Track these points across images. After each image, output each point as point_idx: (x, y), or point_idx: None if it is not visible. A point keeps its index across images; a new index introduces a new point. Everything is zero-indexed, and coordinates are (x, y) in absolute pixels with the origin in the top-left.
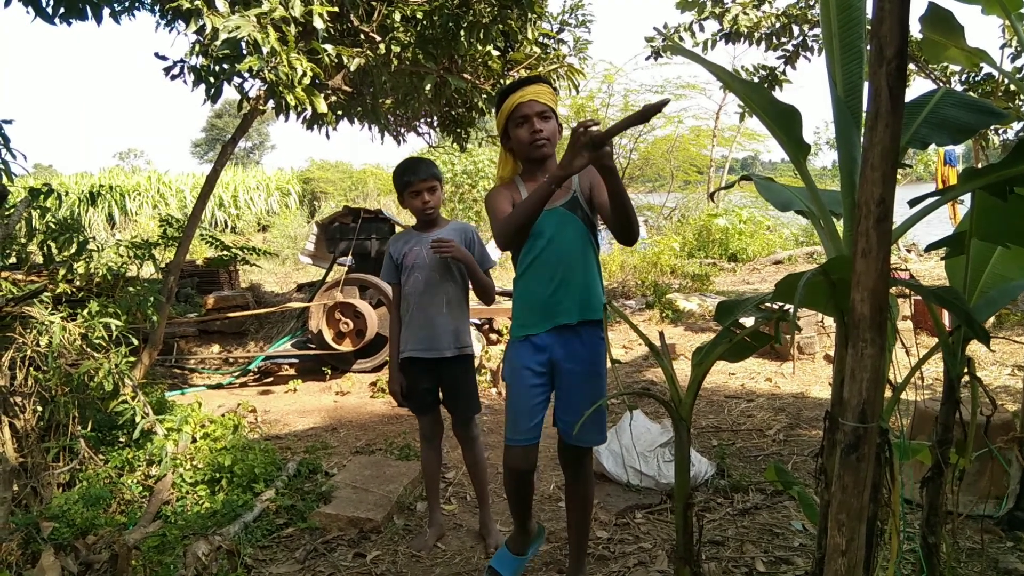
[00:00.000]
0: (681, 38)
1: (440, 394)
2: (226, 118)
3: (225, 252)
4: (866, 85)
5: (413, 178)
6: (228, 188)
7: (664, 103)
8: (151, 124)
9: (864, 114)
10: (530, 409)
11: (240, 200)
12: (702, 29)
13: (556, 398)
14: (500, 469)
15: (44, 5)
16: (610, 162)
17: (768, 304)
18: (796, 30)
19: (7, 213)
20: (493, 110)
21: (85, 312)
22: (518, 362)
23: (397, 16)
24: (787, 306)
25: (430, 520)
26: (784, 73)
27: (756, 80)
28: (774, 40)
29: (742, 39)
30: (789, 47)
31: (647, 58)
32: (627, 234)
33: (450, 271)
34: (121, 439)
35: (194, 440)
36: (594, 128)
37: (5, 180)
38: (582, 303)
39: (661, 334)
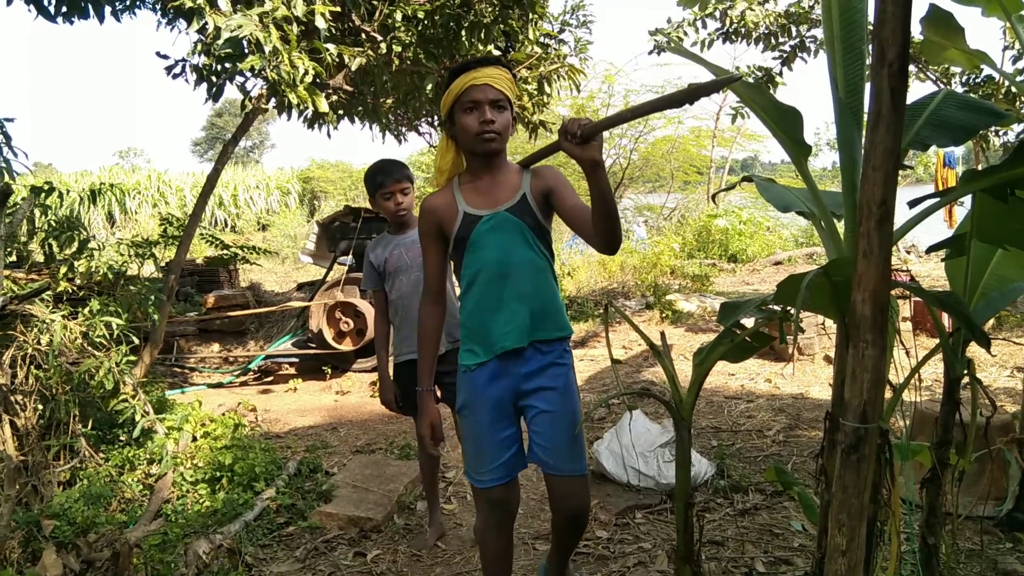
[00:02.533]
0: (685, 32)
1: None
2: (226, 117)
3: (225, 251)
4: (867, 86)
5: (386, 180)
6: (228, 187)
7: (721, 84)
8: (151, 123)
9: (865, 115)
10: (494, 448)
11: (240, 199)
12: (704, 26)
13: (530, 435)
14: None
15: (46, 3)
16: (599, 155)
17: (770, 305)
18: (794, 31)
19: (10, 211)
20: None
21: (86, 310)
22: (473, 397)
23: (398, 15)
24: (789, 308)
25: (430, 520)
26: (781, 74)
27: (751, 81)
28: (772, 40)
29: (740, 38)
30: (786, 48)
31: (650, 52)
32: (610, 240)
33: None
34: (121, 438)
35: (194, 439)
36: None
37: (7, 178)
38: (532, 322)
39: (662, 334)
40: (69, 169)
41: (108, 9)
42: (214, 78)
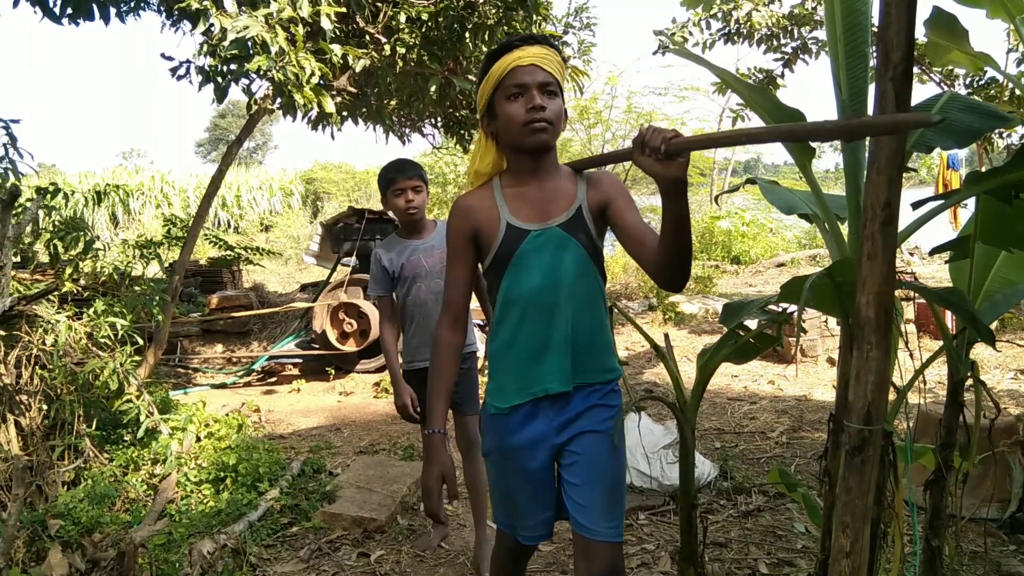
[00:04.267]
0: (690, 33)
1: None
2: (229, 118)
3: (229, 252)
4: (871, 89)
5: (398, 176)
6: (231, 188)
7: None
8: (154, 124)
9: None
10: (530, 502)
11: (243, 200)
12: (708, 27)
13: (563, 484)
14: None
15: (51, 5)
16: (685, 175)
17: (773, 306)
18: (796, 32)
19: (17, 212)
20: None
21: (91, 311)
22: (504, 444)
23: (403, 17)
24: (792, 308)
25: (434, 520)
26: (782, 76)
27: (751, 83)
28: (774, 42)
29: (743, 39)
30: (788, 49)
31: (654, 53)
32: (678, 276)
33: None
34: (126, 438)
35: (198, 439)
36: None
37: (12, 179)
38: (578, 363)
39: (666, 336)
40: (73, 170)
41: (113, 11)
42: (220, 79)
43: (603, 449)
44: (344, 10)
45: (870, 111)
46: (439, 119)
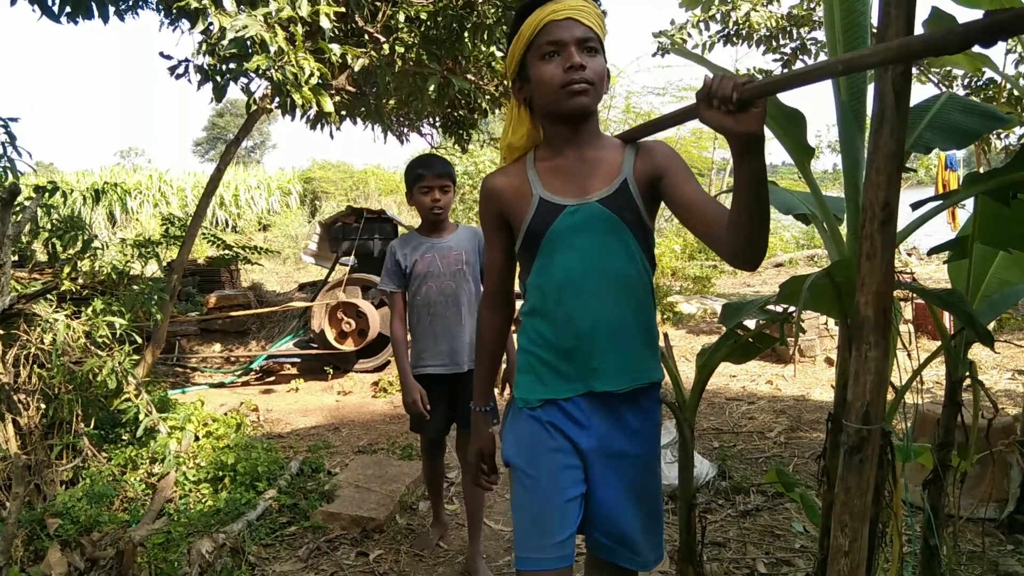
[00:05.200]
0: (688, 34)
1: (452, 409)
2: (227, 117)
3: (227, 251)
4: (870, 89)
5: (426, 172)
6: (229, 187)
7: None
8: (152, 123)
9: (868, 118)
10: (562, 510)
11: (241, 199)
12: (707, 28)
13: (588, 498)
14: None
15: (50, 3)
16: (761, 129)
17: (772, 306)
18: (795, 33)
19: (16, 211)
20: (505, 43)
21: (89, 310)
22: (536, 439)
23: (401, 17)
24: (791, 308)
25: (434, 519)
26: None
27: None
28: (773, 43)
29: (742, 40)
30: (787, 50)
31: (654, 54)
32: (754, 250)
33: (465, 278)
34: (124, 437)
35: (197, 438)
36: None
37: (11, 178)
38: (634, 359)
39: (665, 335)
40: (70, 169)
41: (112, 9)
42: (219, 78)
43: (645, 475)
44: (343, 9)
45: (869, 111)
46: (437, 119)
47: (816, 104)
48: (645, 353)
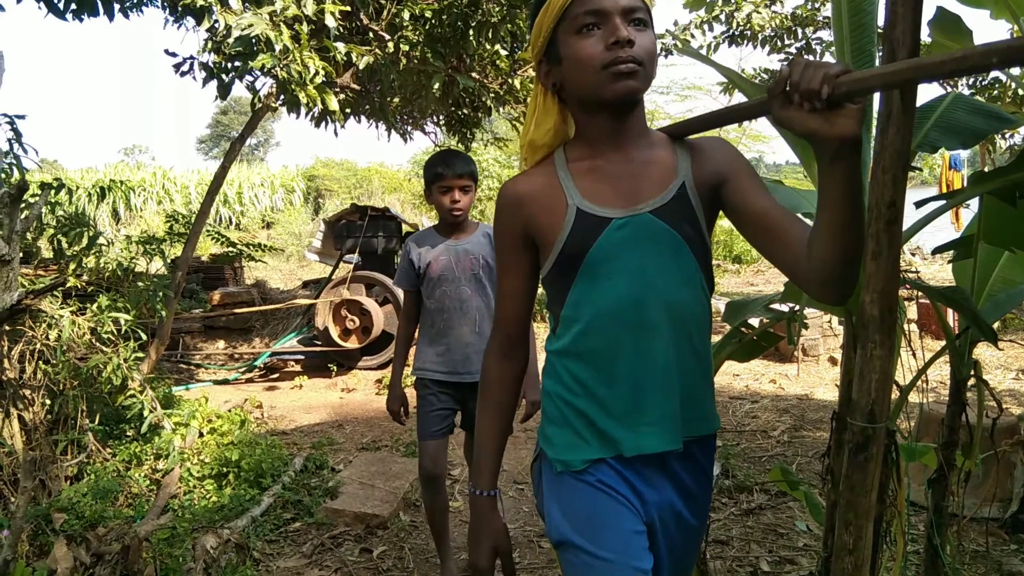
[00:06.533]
0: (692, 35)
1: (458, 417)
2: (231, 115)
3: (231, 248)
4: None
5: (447, 171)
6: (233, 185)
7: None
8: (156, 120)
9: (875, 117)
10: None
11: (245, 197)
12: (711, 28)
13: None
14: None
15: (56, 1)
16: (859, 130)
17: (777, 304)
18: (800, 33)
19: (25, 206)
20: (528, 22)
21: (94, 306)
22: (595, 507)
23: (406, 15)
24: (796, 307)
25: (442, 568)
26: None
27: (757, 83)
28: (778, 43)
29: (747, 41)
30: (792, 50)
31: (657, 54)
32: (845, 282)
33: (481, 284)
34: (129, 433)
35: (201, 435)
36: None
37: (17, 174)
38: (694, 409)
39: None
40: (74, 166)
41: (117, 6)
42: (224, 76)
43: (700, 522)
44: (348, 8)
45: (875, 110)
46: (441, 117)
47: None
48: (705, 399)
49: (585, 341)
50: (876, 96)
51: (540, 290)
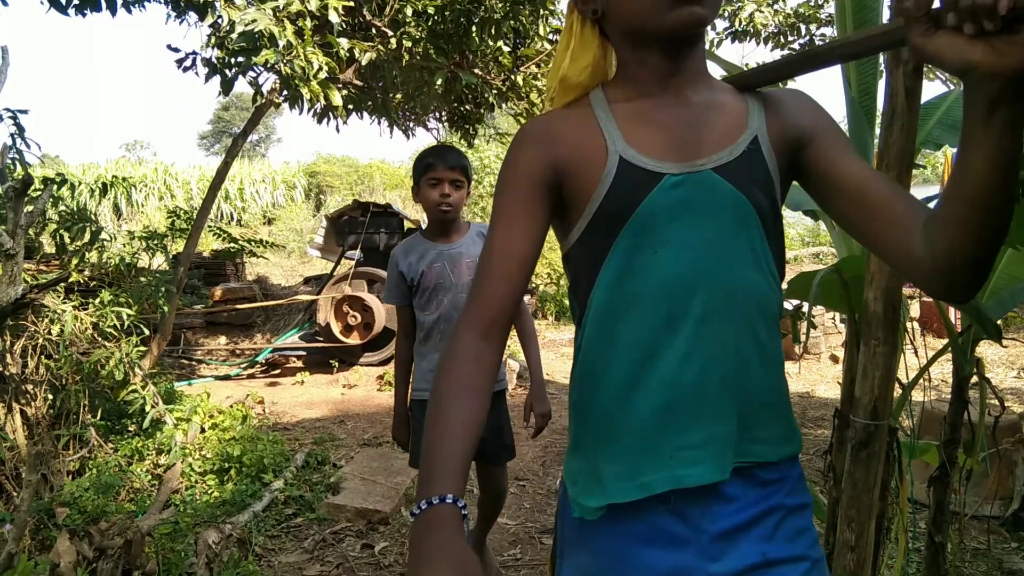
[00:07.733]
0: None
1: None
2: (233, 111)
3: (232, 244)
4: (880, 86)
5: (437, 163)
6: (234, 181)
7: None
8: (157, 116)
9: (878, 115)
10: None
11: (246, 193)
12: (714, 27)
13: None
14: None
15: None
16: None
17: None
18: (803, 29)
19: (28, 200)
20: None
21: (97, 301)
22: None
23: (409, 11)
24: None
25: None
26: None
27: None
28: (781, 40)
29: (749, 38)
30: (795, 47)
31: None
32: (978, 267)
33: None
34: (131, 428)
35: (203, 430)
36: None
37: (20, 169)
38: (750, 426)
39: None
40: (76, 161)
41: (119, 2)
42: (227, 72)
43: None
44: (351, 3)
45: (879, 108)
46: (444, 113)
47: (825, 100)
48: (779, 412)
49: (622, 334)
50: (879, 95)
51: (540, 290)
